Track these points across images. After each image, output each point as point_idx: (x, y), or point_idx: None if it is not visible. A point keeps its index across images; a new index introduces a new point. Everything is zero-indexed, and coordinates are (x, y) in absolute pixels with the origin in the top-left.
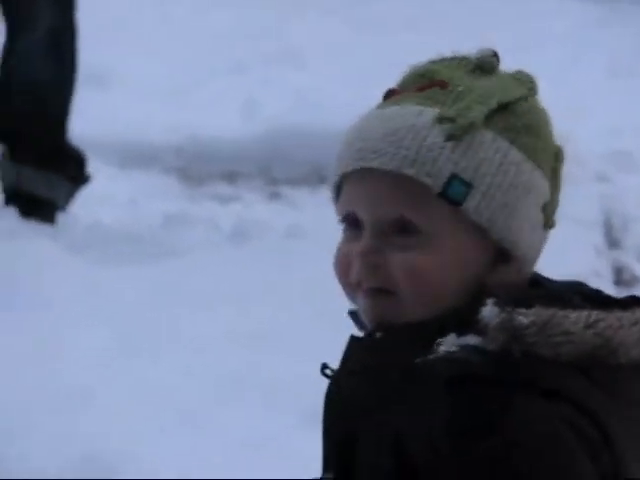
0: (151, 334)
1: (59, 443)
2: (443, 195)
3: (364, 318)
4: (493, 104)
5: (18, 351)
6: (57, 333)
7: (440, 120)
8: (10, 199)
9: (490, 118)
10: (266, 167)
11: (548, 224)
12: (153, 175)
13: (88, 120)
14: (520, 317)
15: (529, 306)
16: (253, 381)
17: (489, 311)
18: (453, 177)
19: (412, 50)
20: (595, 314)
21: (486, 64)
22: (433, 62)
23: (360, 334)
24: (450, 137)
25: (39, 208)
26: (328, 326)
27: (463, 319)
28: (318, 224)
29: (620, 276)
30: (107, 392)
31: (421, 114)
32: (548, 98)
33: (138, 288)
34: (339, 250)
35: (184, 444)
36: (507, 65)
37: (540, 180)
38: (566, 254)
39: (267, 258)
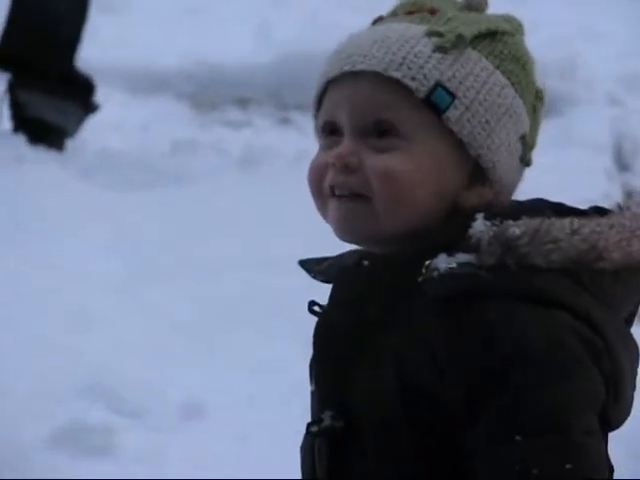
0: (160, 260)
1: (67, 367)
2: (426, 101)
3: (336, 231)
4: (482, 28)
5: (26, 276)
6: (65, 258)
7: (429, 34)
8: (19, 126)
9: (477, 41)
10: (277, 92)
11: (525, 159)
12: (163, 101)
13: (98, 46)
14: (512, 228)
15: (516, 219)
16: (261, 306)
17: (480, 225)
18: (438, 84)
19: None
20: (577, 221)
21: (474, 3)
22: None
23: (347, 266)
24: (438, 49)
25: (48, 134)
26: (338, 250)
27: (451, 236)
28: None
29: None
30: (114, 316)
31: (410, 28)
32: (559, 21)
33: (147, 214)
34: (314, 160)
35: (191, 368)
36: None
37: (521, 108)
38: (576, 177)
39: (276, 183)
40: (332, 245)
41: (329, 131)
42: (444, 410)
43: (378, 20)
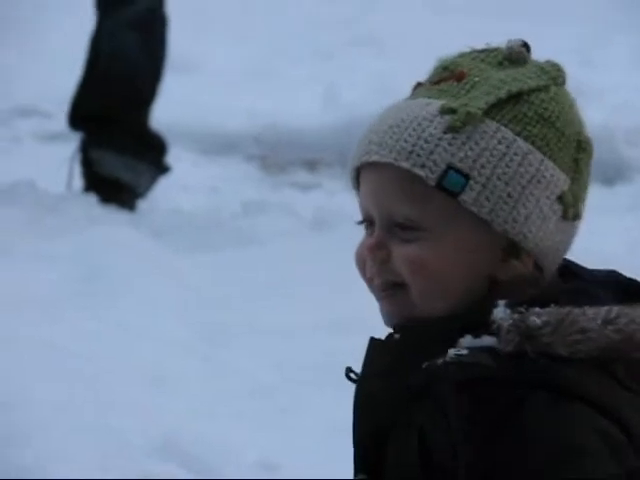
0: (230, 321)
1: (141, 425)
2: (439, 187)
3: (383, 319)
4: (502, 94)
5: (99, 335)
6: (138, 318)
7: (443, 111)
8: (90, 184)
9: (498, 108)
10: (345, 155)
11: (568, 215)
12: (233, 162)
13: (170, 107)
14: (533, 317)
15: (544, 304)
16: (333, 368)
17: (501, 312)
18: (449, 168)
19: (487, 35)
20: (616, 310)
21: (514, 54)
22: (462, 55)
23: (380, 336)
24: (449, 129)
25: (120, 194)
26: None
27: (479, 318)
28: None
29: None
30: (187, 377)
31: (428, 105)
32: (628, 87)
33: (218, 275)
34: (357, 247)
35: (265, 429)
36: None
37: (552, 170)
38: (614, 243)
39: (346, 245)
40: None
41: (367, 219)
42: None
43: (417, 87)
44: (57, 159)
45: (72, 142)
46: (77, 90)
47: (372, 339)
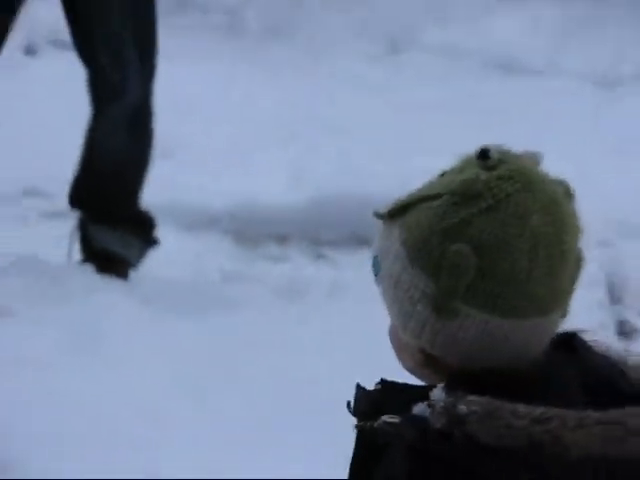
0: (209, 376)
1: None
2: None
3: None
4: (405, 201)
5: (95, 401)
6: (130, 375)
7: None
8: (88, 257)
9: (403, 212)
10: (312, 230)
11: (442, 314)
12: (213, 237)
13: (155, 188)
14: (462, 405)
15: (483, 393)
16: (299, 421)
17: (437, 393)
18: (374, 256)
19: (442, 128)
20: (553, 411)
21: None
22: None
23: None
24: (379, 216)
25: (114, 265)
26: (368, 375)
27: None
28: (358, 282)
29: (622, 328)
30: (182, 441)
31: None
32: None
33: (201, 336)
34: None
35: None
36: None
37: (413, 276)
38: (574, 309)
39: (313, 313)
40: (362, 370)
41: None
42: None
43: None
44: (58, 235)
45: (72, 219)
46: (75, 177)
47: (357, 384)
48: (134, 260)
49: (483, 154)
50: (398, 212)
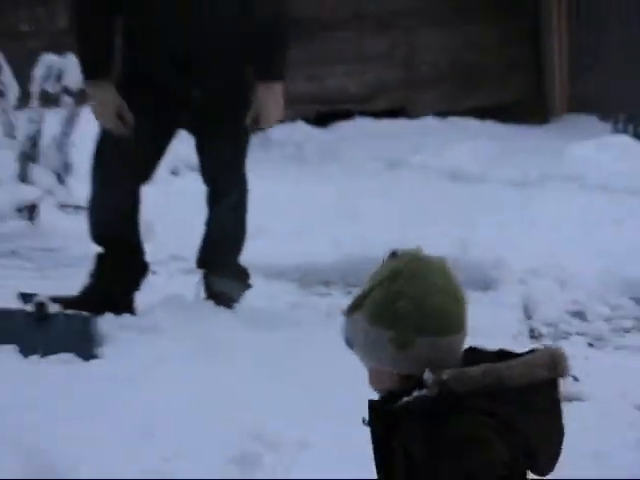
0: (285, 368)
1: None
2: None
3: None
4: (359, 298)
5: (214, 389)
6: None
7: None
8: (209, 296)
9: (359, 305)
10: (345, 277)
11: (405, 346)
12: (284, 282)
13: (248, 252)
14: (443, 375)
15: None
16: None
17: (427, 376)
18: (346, 338)
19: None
20: (490, 366)
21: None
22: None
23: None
24: (345, 312)
25: (225, 300)
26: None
27: (415, 385)
28: None
29: (532, 334)
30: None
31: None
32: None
33: (277, 343)
34: None
35: None
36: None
37: (376, 333)
38: (501, 323)
39: None
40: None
41: None
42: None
43: None
44: (191, 283)
45: (199, 274)
46: (200, 247)
47: (369, 400)
48: (237, 297)
49: (393, 254)
50: (356, 306)
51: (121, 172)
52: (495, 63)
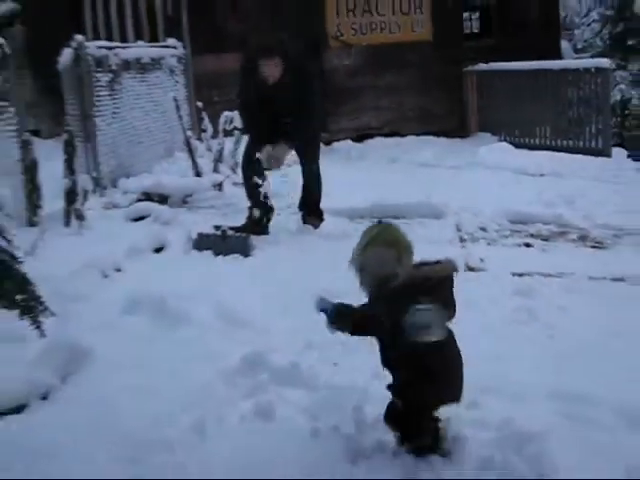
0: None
1: None
2: None
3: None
4: (358, 250)
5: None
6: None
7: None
8: (305, 224)
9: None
10: None
11: (401, 262)
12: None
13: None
14: (408, 271)
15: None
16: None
17: (400, 270)
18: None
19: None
20: (418, 265)
21: None
22: None
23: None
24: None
25: (313, 227)
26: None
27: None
28: None
29: (460, 240)
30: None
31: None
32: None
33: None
34: None
35: None
36: None
37: (386, 253)
38: (444, 235)
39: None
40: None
41: None
42: None
43: None
44: (296, 218)
45: (299, 214)
46: (300, 201)
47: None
48: (318, 225)
49: (379, 222)
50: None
51: (254, 169)
52: (443, 110)
